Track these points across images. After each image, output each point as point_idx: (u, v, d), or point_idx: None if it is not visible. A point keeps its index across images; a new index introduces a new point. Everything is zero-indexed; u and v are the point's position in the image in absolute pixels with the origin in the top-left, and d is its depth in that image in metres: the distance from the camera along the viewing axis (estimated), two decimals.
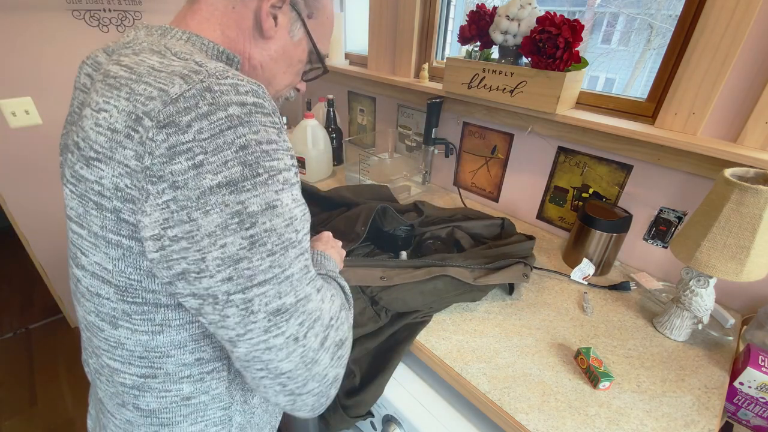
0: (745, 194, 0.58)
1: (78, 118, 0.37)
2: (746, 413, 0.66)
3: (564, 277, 0.91)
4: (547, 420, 0.58)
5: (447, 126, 1.27)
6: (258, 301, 0.32)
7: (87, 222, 0.35)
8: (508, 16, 0.91)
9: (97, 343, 0.41)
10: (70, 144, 0.36)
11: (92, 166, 0.33)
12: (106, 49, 0.45)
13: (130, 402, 0.42)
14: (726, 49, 0.70)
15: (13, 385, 1.62)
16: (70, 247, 0.39)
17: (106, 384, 0.43)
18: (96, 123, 0.33)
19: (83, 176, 0.34)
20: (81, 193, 0.34)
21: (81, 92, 0.45)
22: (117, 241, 0.33)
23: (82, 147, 0.34)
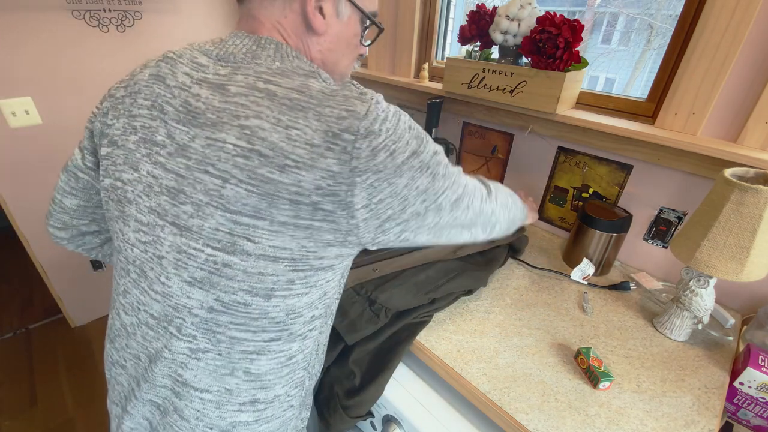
0: (745, 194, 0.58)
1: (206, 125, 0.42)
2: (746, 413, 0.66)
3: (564, 277, 0.91)
4: (547, 420, 0.58)
5: (447, 126, 1.27)
6: (444, 202, 0.47)
7: (271, 214, 0.41)
8: (508, 16, 0.91)
9: (227, 320, 0.46)
10: (232, 151, 0.41)
11: (288, 171, 0.39)
12: (205, 52, 0.47)
13: (242, 368, 0.48)
14: (726, 49, 0.70)
15: (13, 385, 1.62)
16: (212, 240, 0.42)
17: (211, 360, 0.47)
18: (288, 137, 0.39)
19: (273, 179, 0.40)
20: (269, 192, 0.40)
21: (181, 90, 0.45)
22: (308, 224, 0.41)
23: (271, 155, 0.39)
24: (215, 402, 0.49)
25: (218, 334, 0.46)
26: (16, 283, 2.19)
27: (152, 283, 0.47)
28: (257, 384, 0.49)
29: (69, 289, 1.81)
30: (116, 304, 0.53)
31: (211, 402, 0.49)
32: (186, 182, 0.43)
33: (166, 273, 0.45)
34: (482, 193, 0.56)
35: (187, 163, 0.43)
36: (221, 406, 0.49)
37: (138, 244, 0.47)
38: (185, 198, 0.42)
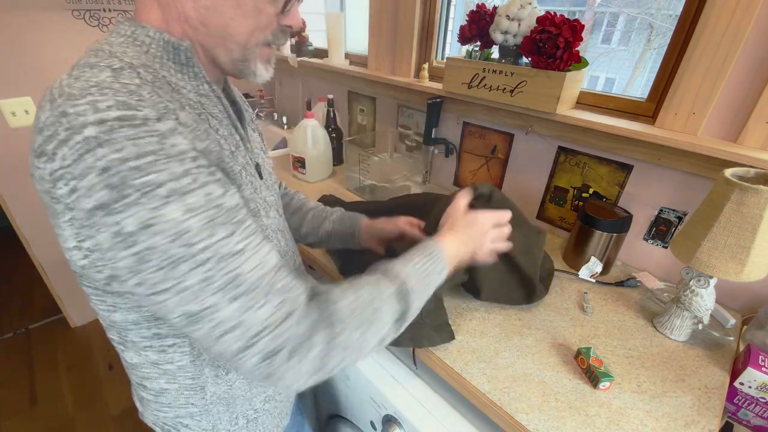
0: (746, 194, 0.58)
1: None
2: (746, 413, 0.66)
3: (564, 277, 0.90)
4: (547, 420, 0.58)
5: (447, 126, 1.27)
6: (170, 304, 0.34)
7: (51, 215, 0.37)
8: (508, 15, 0.91)
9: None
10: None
11: (32, 180, 0.35)
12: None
13: (121, 354, 0.50)
14: (726, 49, 0.70)
15: (13, 385, 1.62)
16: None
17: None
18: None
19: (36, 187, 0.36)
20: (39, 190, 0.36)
21: None
22: (59, 234, 0.36)
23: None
24: (127, 371, 0.54)
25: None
26: (16, 283, 2.19)
27: None
28: (138, 372, 0.50)
29: (69, 289, 1.81)
30: None
31: (126, 369, 0.54)
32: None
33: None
34: (264, 347, 0.36)
35: None
36: (130, 377, 0.54)
37: None
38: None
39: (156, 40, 0.40)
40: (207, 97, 0.45)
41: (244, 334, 0.35)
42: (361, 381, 0.75)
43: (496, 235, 0.62)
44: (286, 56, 1.81)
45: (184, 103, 0.39)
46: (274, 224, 0.56)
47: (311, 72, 1.78)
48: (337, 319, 0.40)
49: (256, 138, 0.60)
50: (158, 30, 0.41)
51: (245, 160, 0.49)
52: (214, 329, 0.35)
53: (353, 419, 0.86)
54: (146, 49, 0.40)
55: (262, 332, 0.35)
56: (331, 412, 0.97)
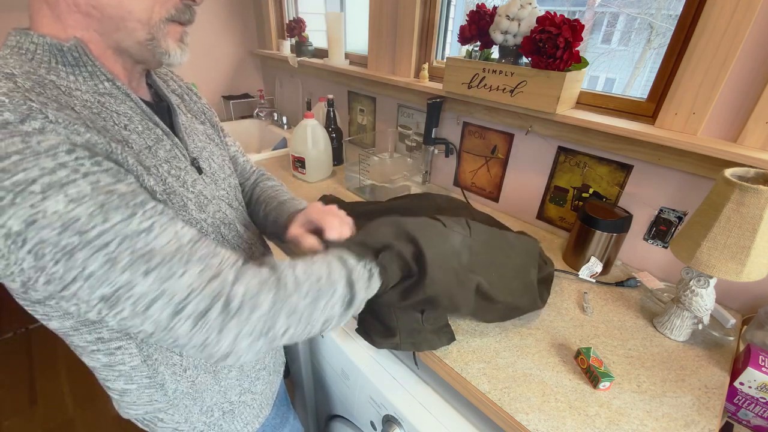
0: (746, 194, 0.58)
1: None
2: (746, 413, 0.66)
3: (564, 277, 0.91)
4: (547, 420, 0.58)
5: (447, 126, 1.27)
6: (81, 294, 0.34)
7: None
8: (508, 15, 0.91)
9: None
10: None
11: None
12: None
13: (80, 359, 0.50)
14: (726, 49, 0.70)
15: (13, 385, 1.62)
16: None
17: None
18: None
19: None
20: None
21: None
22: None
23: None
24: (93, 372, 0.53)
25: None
26: None
27: None
28: (99, 375, 0.51)
29: None
30: None
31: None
32: None
33: None
34: (194, 309, 0.36)
35: None
36: (96, 375, 0.53)
37: None
38: None
39: (40, 45, 0.39)
40: (110, 95, 0.43)
41: (171, 301, 0.35)
42: (361, 381, 0.75)
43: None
44: (286, 56, 1.81)
45: (75, 104, 0.39)
46: (215, 219, 0.54)
47: (311, 72, 1.78)
48: (285, 283, 0.41)
49: (199, 130, 0.58)
50: (42, 34, 0.40)
51: (170, 155, 0.48)
52: (137, 304, 0.34)
53: (353, 419, 0.86)
54: (31, 57, 0.39)
55: (189, 295, 0.36)
56: (331, 412, 0.97)
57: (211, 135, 0.61)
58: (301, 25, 1.77)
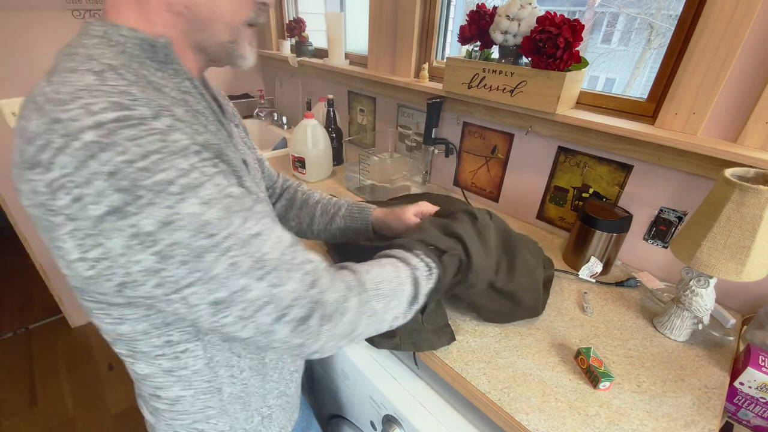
0: (746, 194, 0.58)
1: None
2: (746, 413, 0.66)
3: (564, 277, 0.90)
4: (547, 420, 0.58)
5: (447, 126, 1.27)
6: (193, 298, 0.34)
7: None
8: (508, 15, 0.91)
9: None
10: None
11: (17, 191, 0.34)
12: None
13: (130, 367, 0.47)
14: (726, 49, 0.70)
15: (13, 385, 1.62)
16: None
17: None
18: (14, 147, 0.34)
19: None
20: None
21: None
22: (57, 255, 0.34)
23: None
24: (137, 386, 0.52)
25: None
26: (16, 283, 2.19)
27: None
28: (151, 383, 0.48)
29: (69, 289, 1.81)
30: None
31: (135, 382, 0.52)
32: None
33: None
34: (295, 315, 0.38)
35: None
36: (140, 390, 0.51)
37: None
38: None
39: (131, 39, 0.38)
40: (189, 93, 0.43)
41: (277, 307, 0.37)
42: (361, 381, 0.75)
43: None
44: (286, 56, 1.81)
45: (170, 101, 0.38)
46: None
47: (311, 72, 1.78)
48: (366, 287, 0.45)
49: (240, 133, 0.59)
50: (132, 28, 0.39)
51: (235, 155, 0.48)
52: (246, 309, 0.36)
53: (353, 419, 0.86)
54: (122, 49, 0.38)
55: (293, 302, 0.38)
56: (331, 412, 0.97)
57: (243, 137, 0.60)
58: (301, 25, 1.77)
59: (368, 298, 0.45)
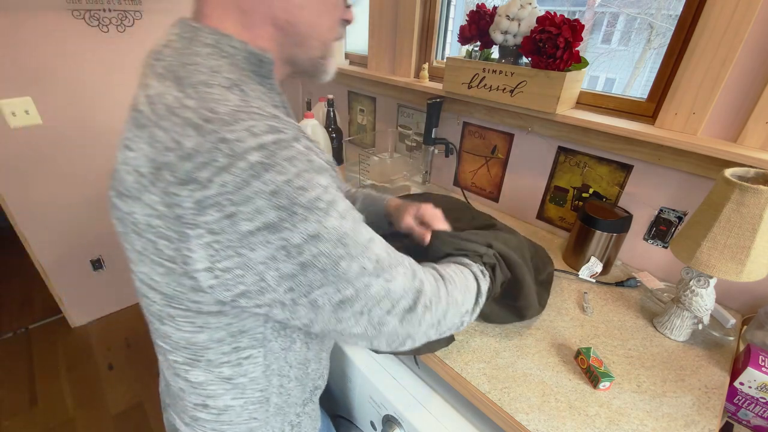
0: (746, 194, 0.58)
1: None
2: (746, 413, 0.66)
3: (564, 277, 0.90)
4: (547, 420, 0.58)
5: (447, 126, 1.27)
6: (322, 299, 0.36)
7: (128, 241, 0.37)
8: (508, 15, 0.91)
9: (152, 329, 0.45)
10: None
11: (123, 199, 0.35)
12: (154, 47, 0.42)
13: (182, 375, 0.47)
14: (726, 49, 0.70)
15: (13, 385, 1.62)
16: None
17: (162, 358, 0.48)
18: (125, 161, 0.34)
19: (117, 206, 0.36)
20: (119, 218, 0.37)
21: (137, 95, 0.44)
22: (159, 261, 0.35)
23: (114, 179, 0.36)
24: (177, 395, 0.50)
25: (155, 339, 0.47)
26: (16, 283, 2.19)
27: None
28: (201, 392, 0.48)
29: (69, 289, 1.81)
30: None
31: (176, 393, 0.51)
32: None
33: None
34: (402, 306, 0.41)
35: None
36: (182, 400, 0.50)
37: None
38: None
39: (240, 51, 0.39)
40: (278, 108, 0.42)
41: (390, 299, 0.40)
42: (361, 381, 0.75)
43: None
44: None
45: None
46: None
47: None
48: (448, 279, 0.49)
49: None
50: (242, 41, 0.39)
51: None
52: (365, 305, 0.38)
53: (353, 419, 0.86)
54: (232, 61, 0.39)
55: (403, 295, 0.41)
56: (331, 412, 0.97)
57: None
58: None
59: (451, 288, 0.48)
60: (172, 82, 0.35)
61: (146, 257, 0.36)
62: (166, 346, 0.45)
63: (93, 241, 1.79)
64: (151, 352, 1.78)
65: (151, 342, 0.52)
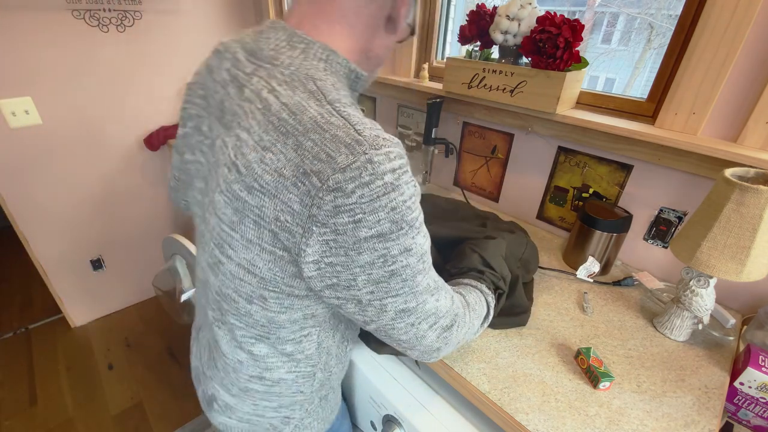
0: (746, 194, 0.58)
1: (226, 125, 0.44)
2: (746, 413, 0.66)
3: (564, 277, 0.90)
4: (547, 420, 0.58)
5: (447, 126, 1.27)
6: (390, 305, 0.42)
7: (241, 229, 0.41)
8: (508, 15, 0.91)
9: (227, 307, 0.49)
10: (226, 159, 0.42)
11: (254, 194, 0.39)
12: (244, 45, 0.47)
13: (247, 348, 0.51)
14: (726, 49, 0.70)
15: (13, 385, 1.62)
16: (214, 236, 0.45)
17: (226, 332, 0.52)
18: (262, 160, 0.38)
19: (242, 197, 0.40)
20: (238, 208, 0.40)
21: (221, 87, 0.47)
22: (271, 250, 0.40)
23: (244, 174, 0.39)
24: (232, 367, 0.54)
25: (224, 316, 0.51)
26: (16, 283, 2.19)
27: (200, 250, 0.53)
28: (261, 364, 0.53)
29: (69, 289, 1.82)
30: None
31: (228, 365, 0.55)
32: (211, 176, 0.46)
33: (203, 248, 0.50)
34: (441, 324, 0.48)
35: (212, 159, 0.47)
36: (237, 372, 0.54)
37: (196, 216, 0.54)
38: (210, 190, 0.46)
39: (343, 67, 0.45)
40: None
41: (436, 317, 0.46)
42: (361, 381, 0.75)
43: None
44: None
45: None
46: None
47: None
48: (470, 306, 0.55)
49: None
50: (346, 58, 0.45)
51: None
52: (417, 318, 0.44)
53: (353, 419, 0.86)
54: (337, 78, 0.45)
55: (444, 314, 0.47)
56: None
57: None
58: None
59: (473, 316, 0.55)
60: (306, 95, 0.40)
61: (256, 245, 0.41)
62: (241, 323, 0.49)
63: (93, 241, 1.79)
64: (151, 352, 1.78)
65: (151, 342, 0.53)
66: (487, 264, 0.69)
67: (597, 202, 0.95)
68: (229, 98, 0.45)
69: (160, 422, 1.51)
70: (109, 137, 1.66)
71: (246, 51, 0.46)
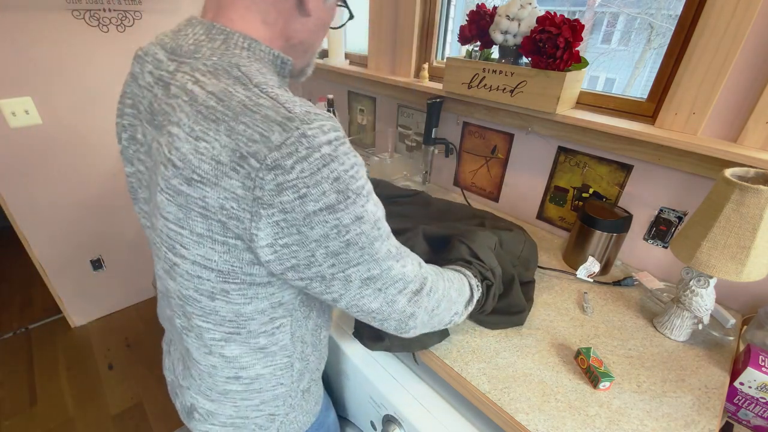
0: (746, 194, 0.58)
1: (157, 126, 0.43)
2: (746, 413, 0.66)
3: (564, 277, 0.90)
4: (547, 420, 0.58)
5: (447, 126, 1.27)
6: (354, 275, 0.43)
7: (189, 225, 0.41)
8: (508, 15, 0.91)
9: (191, 310, 0.48)
10: (162, 158, 0.41)
11: (194, 185, 0.38)
12: (163, 46, 0.46)
13: (217, 351, 0.51)
14: (726, 49, 0.70)
15: (13, 385, 1.62)
16: (164, 239, 0.45)
17: (195, 339, 0.51)
18: (196, 150, 0.38)
19: (183, 191, 0.39)
20: (181, 203, 0.40)
21: (147, 91, 0.47)
22: (223, 240, 0.40)
23: (181, 167, 0.39)
24: (207, 372, 0.54)
25: (190, 320, 0.50)
26: (16, 283, 2.19)
27: (156, 261, 0.52)
28: (236, 364, 0.53)
29: (69, 289, 1.81)
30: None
31: (204, 371, 0.54)
32: (152, 181, 0.46)
33: (158, 255, 0.49)
34: (411, 288, 0.48)
35: (150, 164, 0.47)
36: (212, 376, 0.54)
37: (146, 228, 0.55)
38: (153, 197, 0.46)
39: (267, 54, 0.46)
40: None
41: (404, 281, 0.47)
42: (361, 381, 0.75)
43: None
44: None
45: None
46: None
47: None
48: (446, 276, 0.56)
49: None
50: (269, 46, 0.46)
51: None
52: (384, 283, 0.45)
53: (353, 419, 0.86)
54: (262, 63, 0.45)
55: (412, 279, 0.48)
56: None
57: None
58: None
59: (449, 285, 0.55)
60: (232, 80, 0.39)
61: (207, 238, 0.41)
62: (208, 323, 0.49)
63: (93, 241, 1.79)
64: (151, 352, 1.78)
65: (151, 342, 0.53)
66: (474, 255, 0.69)
67: (597, 202, 0.95)
68: (157, 99, 0.44)
69: (160, 422, 1.51)
70: (109, 137, 1.66)
71: (166, 50, 0.46)
